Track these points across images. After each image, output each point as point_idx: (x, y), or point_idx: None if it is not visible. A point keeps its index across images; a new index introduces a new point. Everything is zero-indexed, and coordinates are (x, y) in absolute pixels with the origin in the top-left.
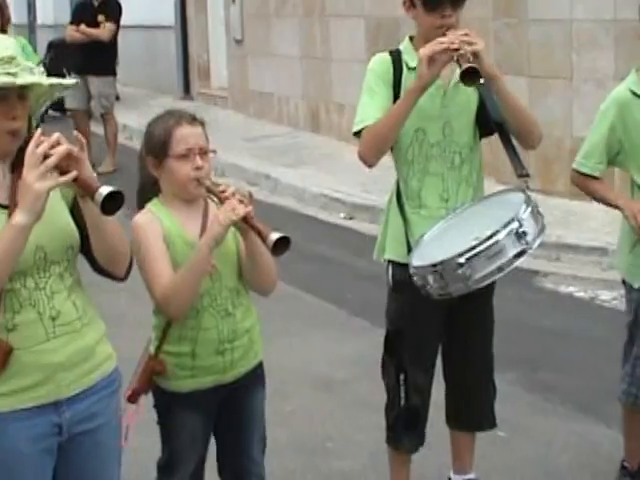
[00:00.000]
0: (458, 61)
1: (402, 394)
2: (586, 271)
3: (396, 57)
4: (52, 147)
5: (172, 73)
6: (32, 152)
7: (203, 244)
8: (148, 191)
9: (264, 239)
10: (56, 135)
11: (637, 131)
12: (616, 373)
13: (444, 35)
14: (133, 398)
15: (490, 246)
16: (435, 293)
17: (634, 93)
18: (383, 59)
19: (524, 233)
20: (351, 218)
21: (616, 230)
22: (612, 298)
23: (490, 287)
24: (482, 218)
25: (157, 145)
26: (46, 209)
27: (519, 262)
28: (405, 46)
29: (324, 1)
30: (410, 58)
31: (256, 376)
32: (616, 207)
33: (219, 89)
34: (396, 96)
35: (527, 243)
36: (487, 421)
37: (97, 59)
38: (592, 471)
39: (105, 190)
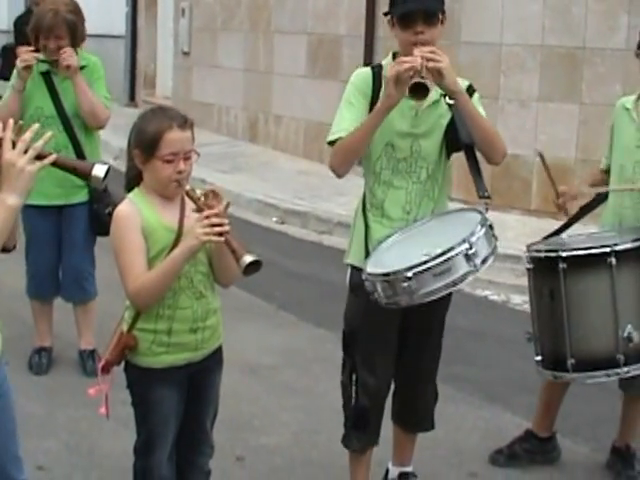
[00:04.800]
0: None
1: (353, 394)
2: (501, 277)
3: (377, 72)
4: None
5: (119, 81)
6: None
7: (179, 253)
8: (133, 178)
9: (237, 259)
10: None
11: (618, 134)
12: (524, 368)
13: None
14: (106, 369)
15: (438, 264)
16: (382, 301)
17: (624, 107)
18: (364, 73)
19: (474, 255)
20: (283, 222)
21: (531, 239)
22: (523, 302)
23: (446, 302)
24: (438, 233)
25: (146, 143)
26: None
27: (466, 282)
28: (387, 61)
29: (270, 17)
30: None
31: (218, 357)
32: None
33: (163, 98)
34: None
35: (475, 265)
36: (426, 424)
37: None
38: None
39: (101, 171)
